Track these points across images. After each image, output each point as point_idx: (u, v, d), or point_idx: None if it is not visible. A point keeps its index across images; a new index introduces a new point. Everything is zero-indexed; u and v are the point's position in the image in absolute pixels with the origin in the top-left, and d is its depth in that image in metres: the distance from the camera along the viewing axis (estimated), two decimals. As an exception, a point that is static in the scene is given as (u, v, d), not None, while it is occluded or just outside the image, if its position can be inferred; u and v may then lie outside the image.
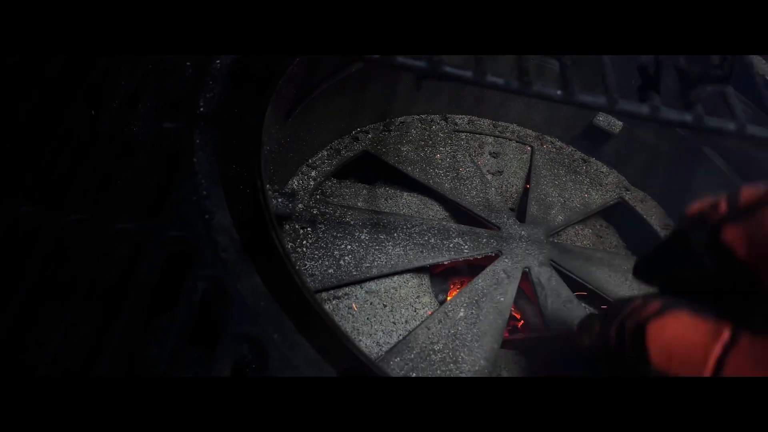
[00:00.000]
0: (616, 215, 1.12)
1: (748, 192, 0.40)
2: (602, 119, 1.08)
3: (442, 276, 0.98)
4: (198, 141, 0.60)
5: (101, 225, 0.51)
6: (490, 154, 1.12)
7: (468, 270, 0.96)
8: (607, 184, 1.11)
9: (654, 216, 1.08)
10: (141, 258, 0.49)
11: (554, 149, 1.15)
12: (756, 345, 0.37)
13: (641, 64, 0.53)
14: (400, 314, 0.83)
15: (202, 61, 0.67)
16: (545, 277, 0.84)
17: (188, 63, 0.66)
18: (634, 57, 0.53)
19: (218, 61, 0.69)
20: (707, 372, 0.40)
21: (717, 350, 0.39)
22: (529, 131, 1.18)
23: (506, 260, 0.86)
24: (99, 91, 0.62)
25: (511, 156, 1.12)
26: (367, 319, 0.83)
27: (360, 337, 0.81)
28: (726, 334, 0.38)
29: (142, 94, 0.62)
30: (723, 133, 0.50)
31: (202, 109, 0.63)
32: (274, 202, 0.79)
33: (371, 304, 0.84)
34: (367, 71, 0.96)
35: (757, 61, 0.85)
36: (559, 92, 0.49)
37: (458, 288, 0.95)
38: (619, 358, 0.48)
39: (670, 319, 0.43)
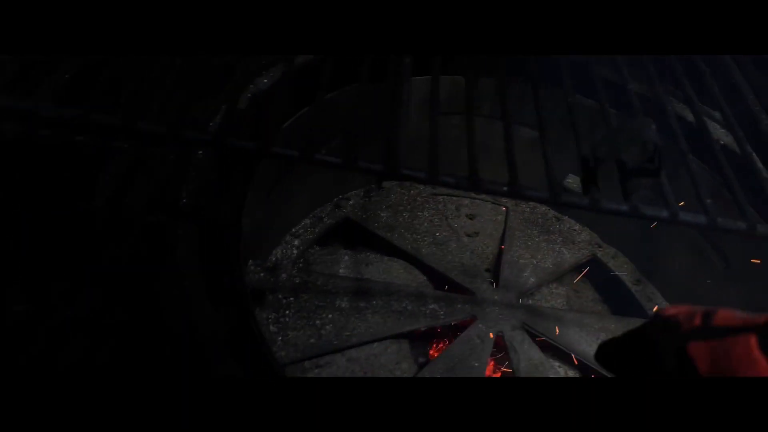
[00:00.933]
0: (591, 271, 1.16)
1: (723, 315, 0.44)
2: (571, 180, 1.13)
3: (423, 338, 1.01)
4: (180, 233, 0.65)
5: (88, 319, 0.55)
6: (466, 216, 1.17)
7: (449, 329, 0.99)
8: (579, 242, 1.16)
9: (626, 271, 1.12)
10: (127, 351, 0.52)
11: (528, 209, 1.20)
12: None
13: (583, 155, 0.58)
14: (380, 381, 0.87)
15: (185, 153, 0.72)
16: (518, 341, 0.88)
17: (171, 157, 0.71)
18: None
19: (200, 152, 0.74)
20: None
21: None
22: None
23: (480, 325, 0.89)
24: (89, 185, 0.67)
25: (487, 217, 1.17)
26: (349, 386, 0.86)
27: (342, 405, 0.84)
28: None
29: (129, 187, 0.67)
30: (659, 220, 0.55)
31: (185, 200, 0.68)
32: (256, 277, 0.83)
33: (352, 372, 0.87)
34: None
35: (712, 127, 0.90)
36: (505, 188, 0.54)
37: (438, 350, 0.99)
38: None
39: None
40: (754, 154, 0.69)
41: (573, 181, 1.14)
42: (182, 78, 0.69)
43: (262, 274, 0.84)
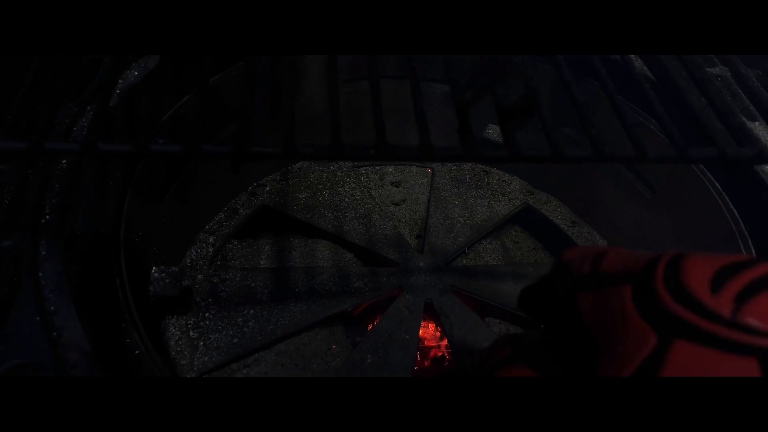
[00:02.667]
0: (527, 220, 1.14)
1: (610, 260, 0.41)
2: (491, 131, 1.09)
3: (358, 319, 0.97)
4: (44, 253, 0.58)
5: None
6: (392, 184, 1.12)
7: (383, 305, 0.95)
8: (510, 192, 1.13)
9: (559, 215, 1.10)
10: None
11: (454, 167, 1.16)
12: None
13: (458, 106, 0.54)
14: (312, 370, 0.82)
15: (45, 166, 0.65)
16: (448, 306, 0.85)
17: (29, 171, 0.65)
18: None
19: (64, 161, 0.67)
20: None
21: None
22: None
23: (407, 296, 0.85)
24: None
25: (413, 182, 1.13)
26: (280, 381, 0.81)
27: (275, 402, 0.79)
28: None
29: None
30: (542, 161, 0.51)
31: (48, 217, 0.62)
32: (160, 285, 0.77)
33: (283, 365, 0.83)
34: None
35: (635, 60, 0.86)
36: (372, 151, 0.49)
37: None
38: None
39: (512, 371, 0.45)
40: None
41: (493, 132, 1.10)
42: (39, 81, 0.62)
43: (167, 281, 0.78)
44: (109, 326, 0.58)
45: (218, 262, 0.94)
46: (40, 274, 0.57)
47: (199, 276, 0.89)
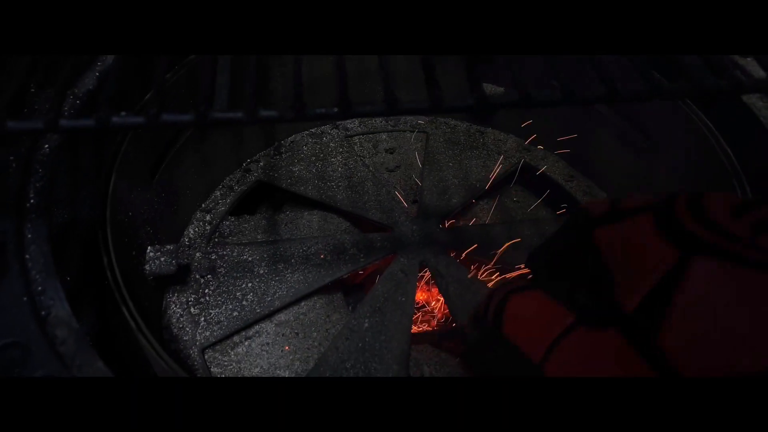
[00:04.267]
0: (525, 178, 1.12)
1: (628, 200, 0.42)
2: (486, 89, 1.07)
3: (360, 286, 0.98)
4: (30, 236, 0.59)
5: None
6: (385, 151, 1.12)
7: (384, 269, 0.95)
8: (506, 151, 1.11)
9: (557, 171, 1.08)
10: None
11: (449, 129, 1.15)
12: (585, 338, 0.39)
13: (425, 63, 0.53)
14: (313, 338, 0.83)
15: (26, 151, 0.66)
16: (443, 266, 0.84)
17: (11, 157, 0.65)
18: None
19: (47, 146, 0.67)
20: (542, 348, 0.41)
21: (556, 332, 0.41)
22: (422, 118, 1.17)
23: (402, 259, 0.85)
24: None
25: (407, 148, 1.12)
26: (282, 351, 0.83)
27: (278, 371, 0.81)
28: (568, 321, 0.40)
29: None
30: (511, 106, 0.50)
31: (32, 201, 0.62)
32: (155, 264, 0.78)
33: (283, 335, 0.84)
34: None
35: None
36: (336, 110, 0.49)
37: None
38: (487, 331, 0.50)
39: (527, 296, 0.45)
40: None
41: (486, 88, 1.08)
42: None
43: (162, 259, 0.79)
44: (98, 304, 0.59)
45: (216, 239, 0.95)
46: (27, 256, 0.58)
47: (198, 254, 0.90)
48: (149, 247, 0.81)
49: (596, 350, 0.37)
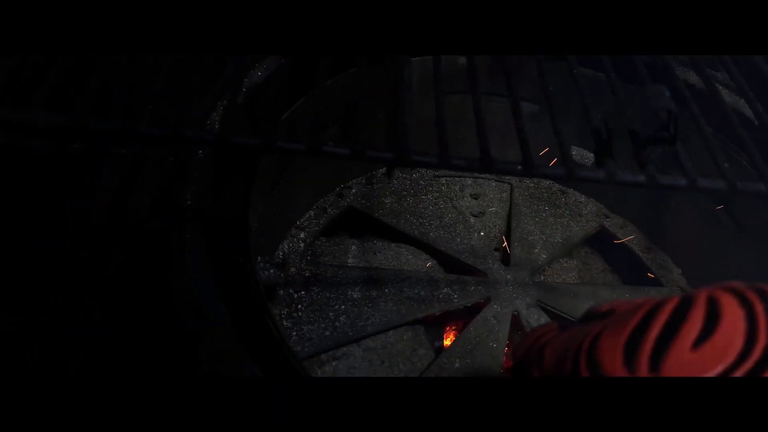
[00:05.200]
0: (600, 241, 1.16)
1: (548, 364, 0.46)
2: (575, 153, 1.12)
3: (438, 323, 1.00)
4: (188, 236, 0.63)
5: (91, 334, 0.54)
6: (470, 196, 1.15)
7: (463, 312, 0.98)
8: (586, 214, 1.15)
9: (634, 240, 1.12)
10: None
11: (532, 184, 1.19)
12: None
13: (594, 128, 0.57)
14: (399, 369, 0.86)
15: (184, 155, 0.70)
16: (534, 319, 0.87)
17: (171, 158, 0.70)
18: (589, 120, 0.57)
19: (200, 152, 0.72)
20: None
21: None
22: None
23: (495, 306, 0.89)
24: (87, 190, 0.65)
25: (492, 195, 1.16)
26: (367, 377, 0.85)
27: (362, 396, 0.83)
28: None
29: (129, 196, 0.65)
30: (676, 189, 0.54)
31: (189, 203, 0.66)
32: (265, 274, 0.82)
33: (370, 361, 0.87)
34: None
35: (722, 91, 0.89)
36: (519, 167, 0.53)
37: (453, 332, 0.98)
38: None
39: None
40: (765, 114, 0.67)
41: (576, 153, 1.12)
42: (173, 76, 0.68)
43: (271, 270, 0.83)
44: (246, 310, 0.62)
45: (308, 257, 0.99)
46: (186, 255, 0.62)
47: (292, 269, 0.93)
48: (259, 257, 0.84)
49: None
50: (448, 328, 0.99)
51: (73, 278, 0.58)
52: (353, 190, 1.11)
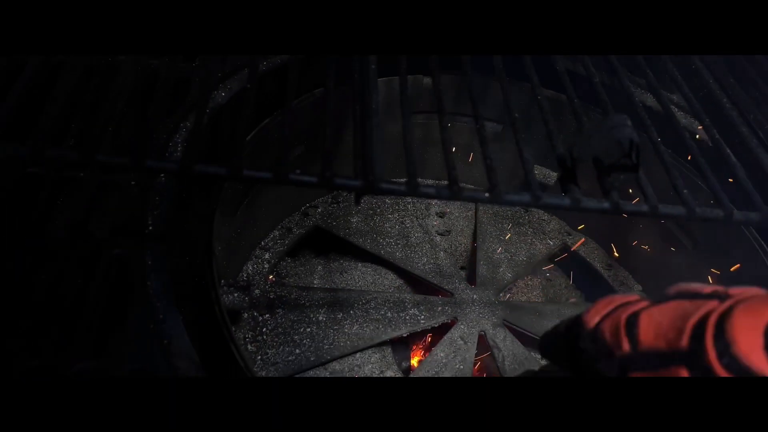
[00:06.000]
0: (563, 259, 1.17)
1: (646, 334, 0.43)
2: (538, 172, 1.13)
3: (405, 343, 1.00)
4: (150, 263, 0.61)
5: (60, 367, 0.51)
6: (436, 214, 1.16)
7: (429, 330, 0.98)
8: (549, 232, 1.17)
9: (596, 258, 1.14)
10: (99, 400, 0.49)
11: (497, 202, 1.20)
12: None
13: (559, 155, 0.58)
14: (366, 392, 0.85)
15: (145, 179, 0.68)
16: (500, 338, 0.88)
17: (132, 182, 0.68)
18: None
19: (162, 176, 0.70)
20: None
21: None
22: (471, 186, 1.22)
23: (462, 326, 0.89)
24: (46, 220, 0.63)
25: (457, 214, 1.17)
26: (334, 400, 0.84)
27: (329, 420, 0.82)
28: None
29: (89, 220, 0.63)
30: (639, 215, 0.55)
31: (150, 228, 0.65)
32: (229, 298, 0.80)
33: (336, 384, 0.85)
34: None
35: (679, 116, 0.91)
36: (486, 194, 0.53)
37: (420, 350, 0.98)
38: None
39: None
40: (721, 140, 0.70)
41: (539, 173, 1.14)
42: (134, 98, 0.66)
43: (235, 294, 0.81)
44: (210, 337, 0.60)
45: (273, 278, 0.97)
46: (148, 283, 0.60)
47: (257, 291, 0.92)
48: (222, 281, 0.83)
49: None
50: (414, 347, 0.99)
51: (31, 305, 0.55)
52: (319, 209, 1.10)
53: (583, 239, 1.17)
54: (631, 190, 0.94)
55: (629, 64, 0.80)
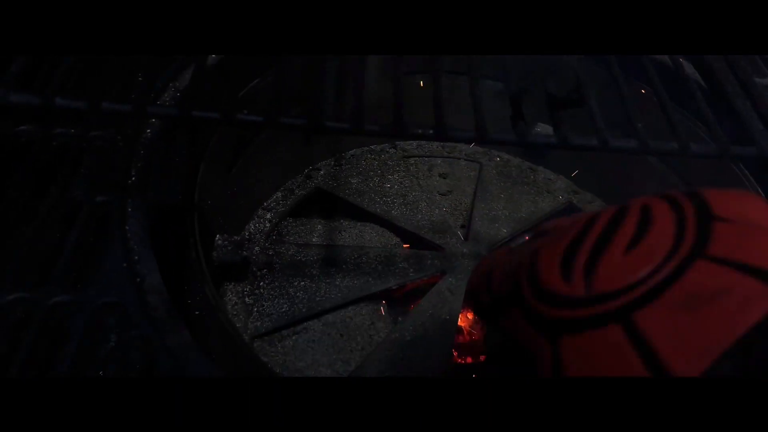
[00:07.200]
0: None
1: (497, 283, 0.45)
2: (540, 129, 1.12)
3: (403, 300, 1.02)
4: (130, 210, 0.65)
5: (39, 300, 0.56)
6: (439, 175, 1.17)
7: (429, 287, 1.00)
8: (555, 191, 1.16)
9: (602, 216, 1.12)
10: (74, 327, 0.54)
11: (502, 162, 1.20)
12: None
13: (512, 93, 0.58)
14: (356, 342, 0.88)
15: (132, 133, 0.72)
16: (489, 291, 0.89)
17: (119, 137, 0.72)
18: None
19: (148, 130, 0.74)
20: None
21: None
22: (478, 148, 1.22)
23: (450, 279, 0.90)
24: (36, 174, 0.68)
25: (460, 175, 1.17)
26: (326, 350, 0.87)
27: (320, 368, 0.85)
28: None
29: (75, 172, 0.68)
30: (588, 149, 0.55)
31: (133, 178, 0.69)
32: (223, 251, 0.84)
33: (329, 335, 0.89)
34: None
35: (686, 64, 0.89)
36: (431, 131, 0.54)
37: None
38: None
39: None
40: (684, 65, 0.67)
41: (542, 129, 1.13)
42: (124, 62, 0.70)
43: (230, 248, 0.85)
44: (184, 278, 0.64)
45: (274, 237, 1.01)
46: (127, 227, 0.64)
47: (257, 248, 0.95)
48: (218, 235, 0.87)
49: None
50: (412, 307, 1.01)
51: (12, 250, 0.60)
52: (321, 172, 1.13)
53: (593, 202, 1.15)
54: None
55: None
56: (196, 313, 0.63)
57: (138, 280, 0.59)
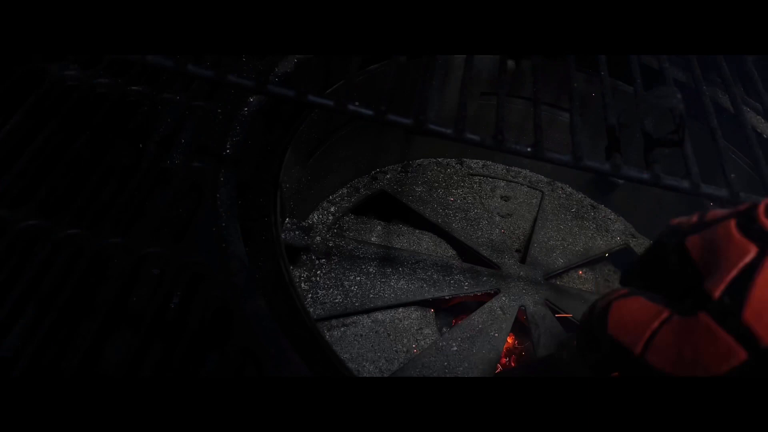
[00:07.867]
0: (624, 261, 1.16)
1: (714, 211, 0.48)
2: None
3: (451, 311, 1.04)
4: (222, 179, 0.69)
5: (134, 248, 0.60)
6: (501, 197, 1.18)
7: (475, 307, 1.01)
8: (613, 231, 1.16)
9: (658, 263, 1.12)
10: (165, 278, 0.57)
11: (564, 195, 1.21)
12: (679, 325, 0.44)
13: (609, 125, 0.60)
14: (402, 344, 0.90)
15: (232, 108, 0.76)
16: (540, 316, 0.90)
17: (219, 110, 0.76)
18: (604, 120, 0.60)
19: (246, 108, 0.78)
20: (643, 340, 0.46)
21: (654, 325, 0.46)
22: (542, 177, 1.24)
23: (504, 298, 0.91)
24: (141, 132, 0.72)
25: (522, 200, 1.18)
26: (372, 346, 0.89)
27: (363, 363, 0.87)
28: (665, 315, 0.46)
29: (177, 137, 0.72)
30: (679, 191, 0.56)
31: (228, 151, 0.72)
32: (291, 234, 0.87)
33: (377, 332, 0.91)
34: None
35: (749, 115, 0.90)
36: (529, 149, 0.56)
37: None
38: (588, 335, 0.54)
39: (629, 300, 0.50)
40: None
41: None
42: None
43: (296, 232, 0.88)
44: (263, 251, 0.67)
45: (335, 230, 1.04)
46: (217, 195, 0.67)
47: (318, 238, 0.98)
48: (287, 218, 0.90)
49: (689, 333, 0.42)
50: (456, 320, 1.02)
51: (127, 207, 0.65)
52: (388, 176, 1.16)
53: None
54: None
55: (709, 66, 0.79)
56: (268, 285, 0.66)
57: (223, 245, 0.63)
